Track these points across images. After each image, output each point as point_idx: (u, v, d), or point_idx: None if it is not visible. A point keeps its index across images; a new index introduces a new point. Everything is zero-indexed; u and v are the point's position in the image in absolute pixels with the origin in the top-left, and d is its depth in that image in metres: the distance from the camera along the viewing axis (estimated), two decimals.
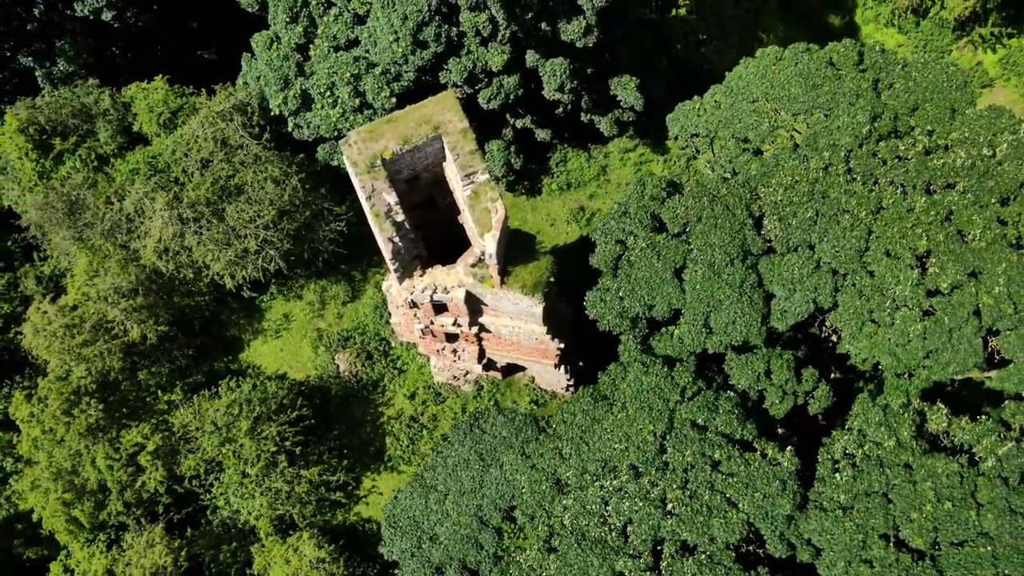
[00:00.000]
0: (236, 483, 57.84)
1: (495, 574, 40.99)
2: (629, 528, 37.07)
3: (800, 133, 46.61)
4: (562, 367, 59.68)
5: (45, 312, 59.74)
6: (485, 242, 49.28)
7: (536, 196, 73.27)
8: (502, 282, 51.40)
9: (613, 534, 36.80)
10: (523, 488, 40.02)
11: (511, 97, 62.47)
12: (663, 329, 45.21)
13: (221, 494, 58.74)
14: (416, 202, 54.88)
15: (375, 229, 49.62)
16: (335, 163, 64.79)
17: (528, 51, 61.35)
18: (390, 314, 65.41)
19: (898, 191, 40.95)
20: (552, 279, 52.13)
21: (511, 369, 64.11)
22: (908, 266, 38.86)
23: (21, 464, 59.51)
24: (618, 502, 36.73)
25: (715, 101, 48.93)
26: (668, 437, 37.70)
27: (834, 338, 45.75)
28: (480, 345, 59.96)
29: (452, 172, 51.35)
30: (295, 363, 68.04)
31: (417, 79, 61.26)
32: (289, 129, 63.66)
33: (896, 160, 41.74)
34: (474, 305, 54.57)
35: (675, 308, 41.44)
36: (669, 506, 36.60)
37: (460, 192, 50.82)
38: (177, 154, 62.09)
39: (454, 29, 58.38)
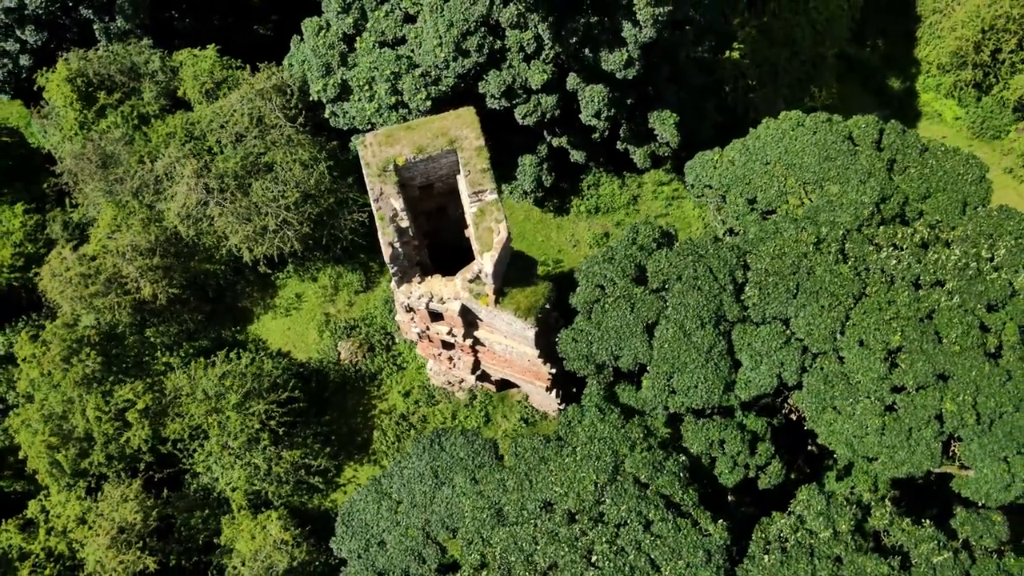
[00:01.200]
0: (217, 453, 58.98)
1: None
2: (552, 572, 37.29)
3: (810, 202, 46.14)
4: (554, 391, 59.92)
5: (64, 258, 61.55)
6: (483, 261, 49.72)
7: (563, 215, 73.46)
8: (496, 301, 51.77)
9: None
10: (466, 512, 40.47)
11: (547, 116, 62.73)
12: (643, 377, 45.21)
13: (202, 461, 59.88)
14: (428, 209, 55.49)
15: (378, 231, 50.27)
16: None
17: (570, 74, 61.53)
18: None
19: (885, 279, 40.36)
20: (548, 306, 52.34)
21: (506, 384, 64.46)
22: (878, 358, 38.33)
23: (23, 399, 61.42)
24: (546, 544, 36.97)
25: (731, 157, 48.66)
26: (608, 489, 37.79)
27: (792, 416, 45.38)
28: (475, 356, 60.45)
29: (463, 186, 51.77)
30: (300, 343, 69.15)
31: (455, 86, 61.78)
32: (326, 116, 64.64)
33: (891, 248, 41.15)
34: (469, 318, 55.01)
35: (641, 363, 41.44)
36: (594, 558, 36.73)
37: (467, 208, 51.27)
38: (214, 124, 63.56)
39: (498, 42, 58.74)
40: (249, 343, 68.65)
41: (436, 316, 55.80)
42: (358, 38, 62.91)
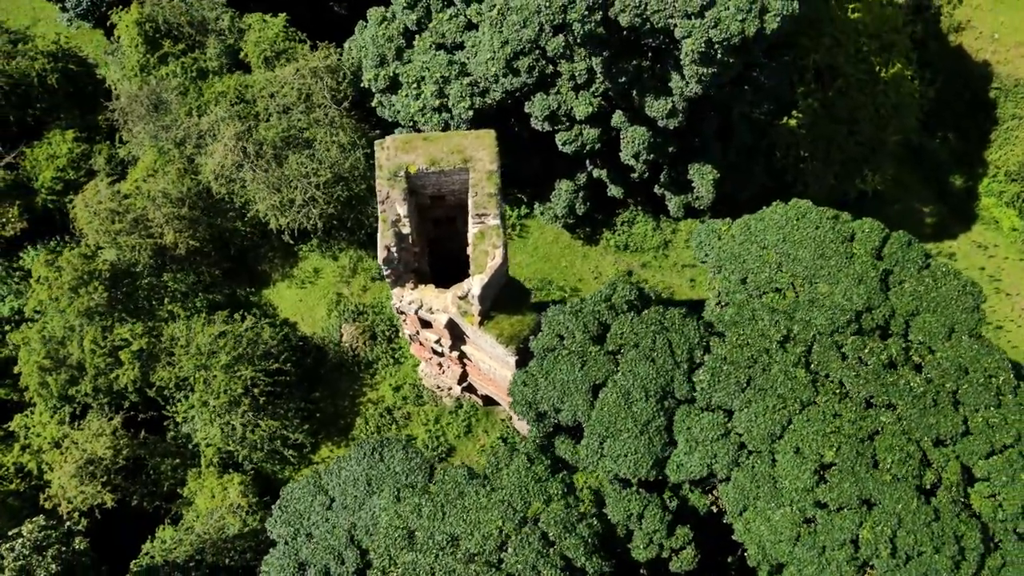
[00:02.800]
0: (198, 408, 60.53)
1: None
2: None
3: (803, 292, 45.42)
4: None
5: (99, 191, 63.77)
6: (473, 282, 50.22)
7: (592, 245, 73.43)
8: (481, 323, 52.26)
9: None
10: (382, 527, 41.17)
11: (588, 147, 62.78)
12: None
13: (183, 412, 61.49)
14: (439, 217, 56.12)
15: (378, 232, 51.03)
16: None
17: (617, 111, 61.44)
18: None
19: (840, 391, 39.69)
20: (533, 338, 52.57)
21: (492, 399, 64.93)
22: (809, 469, 37.75)
23: (37, 314, 63.85)
24: None
25: (734, 232, 48.15)
26: (513, 538, 38.06)
27: (714, 509, 44.87)
28: (463, 368, 61.06)
29: (471, 205, 52.24)
30: (308, 317, 70.55)
31: (502, 101, 62.18)
32: (373, 105, 65.63)
33: (856, 360, 40.41)
34: (457, 332, 55.55)
35: (579, 421, 41.46)
36: None
37: (470, 227, 51.73)
38: (265, 92, 65.01)
39: (551, 67, 58.93)
40: (260, 306, 70.31)
41: (426, 324, 56.49)
42: (418, 36, 63.62)
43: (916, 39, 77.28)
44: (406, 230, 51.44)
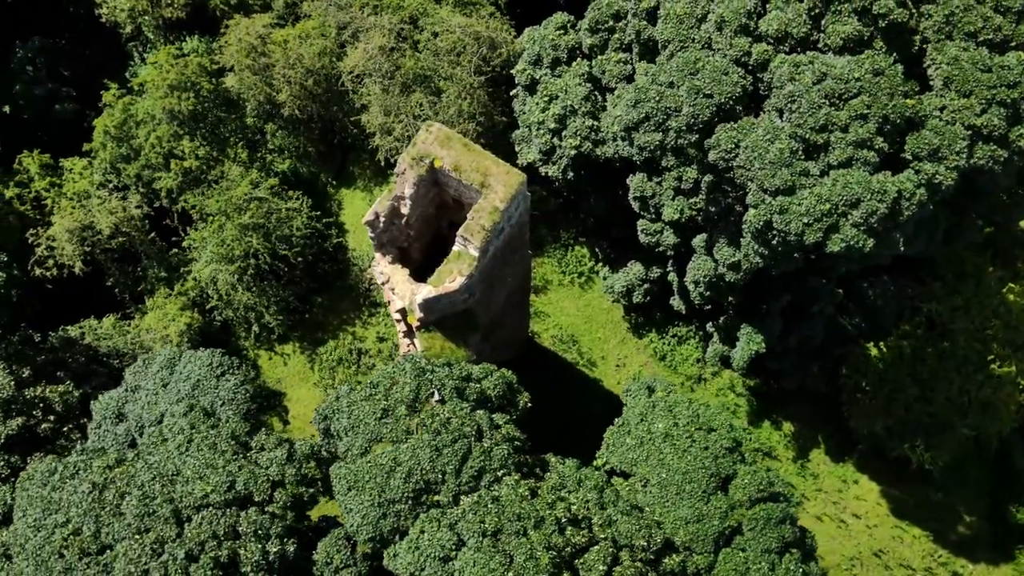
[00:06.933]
0: (201, 245, 64.11)
1: None
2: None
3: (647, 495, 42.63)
4: None
5: (255, 24, 67.54)
6: (422, 290, 50.42)
7: (636, 336, 71.32)
8: (419, 328, 52.62)
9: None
10: (158, 425, 42.90)
11: (661, 248, 60.97)
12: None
13: (190, 239, 65.20)
14: (457, 220, 56.16)
15: (379, 197, 51.82)
16: (516, 150, 65.64)
17: (703, 233, 58.99)
18: None
19: None
20: None
21: None
22: None
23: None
24: (138, 512, 38.76)
25: (645, 404, 45.45)
26: (207, 511, 38.54)
27: None
28: None
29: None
30: (359, 233, 72.49)
31: (611, 160, 61.09)
32: (512, 94, 65.77)
33: None
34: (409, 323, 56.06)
35: (347, 458, 40.94)
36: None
37: (456, 244, 51.59)
38: (432, 28, 66.29)
39: (663, 160, 56.95)
40: (331, 198, 72.99)
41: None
42: (580, 59, 62.91)
43: None
44: (404, 210, 51.99)
